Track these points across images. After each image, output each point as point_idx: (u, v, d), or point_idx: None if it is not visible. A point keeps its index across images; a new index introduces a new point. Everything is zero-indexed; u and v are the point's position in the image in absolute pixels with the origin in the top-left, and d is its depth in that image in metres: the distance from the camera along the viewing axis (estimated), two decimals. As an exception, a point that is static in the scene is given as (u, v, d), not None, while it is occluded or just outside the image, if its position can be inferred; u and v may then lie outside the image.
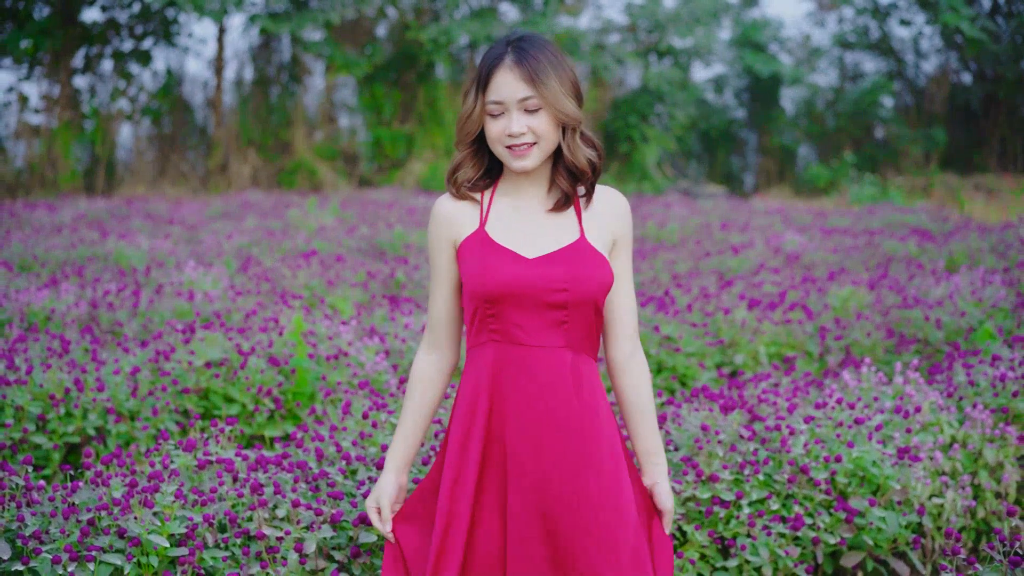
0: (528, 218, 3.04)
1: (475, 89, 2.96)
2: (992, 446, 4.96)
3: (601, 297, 2.97)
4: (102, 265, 10.46)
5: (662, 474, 3.09)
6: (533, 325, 2.95)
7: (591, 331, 3.00)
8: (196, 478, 4.00)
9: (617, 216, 3.05)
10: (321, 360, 6.22)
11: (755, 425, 4.69)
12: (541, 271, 2.94)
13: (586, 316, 2.97)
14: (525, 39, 2.94)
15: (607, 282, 2.96)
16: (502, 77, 2.91)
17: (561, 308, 2.94)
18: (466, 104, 2.99)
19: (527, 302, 2.94)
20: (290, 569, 3.49)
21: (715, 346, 7.19)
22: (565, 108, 2.90)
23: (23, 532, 3.47)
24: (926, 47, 28.84)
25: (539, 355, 2.95)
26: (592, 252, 2.96)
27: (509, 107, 2.91)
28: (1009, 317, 7.86)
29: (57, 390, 5.31)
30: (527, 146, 2.93)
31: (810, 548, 4.30)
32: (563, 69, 2.93)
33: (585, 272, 2.93)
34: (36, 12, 23.20)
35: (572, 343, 2.97)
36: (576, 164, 2.97)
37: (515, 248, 2.99)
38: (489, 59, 2.94)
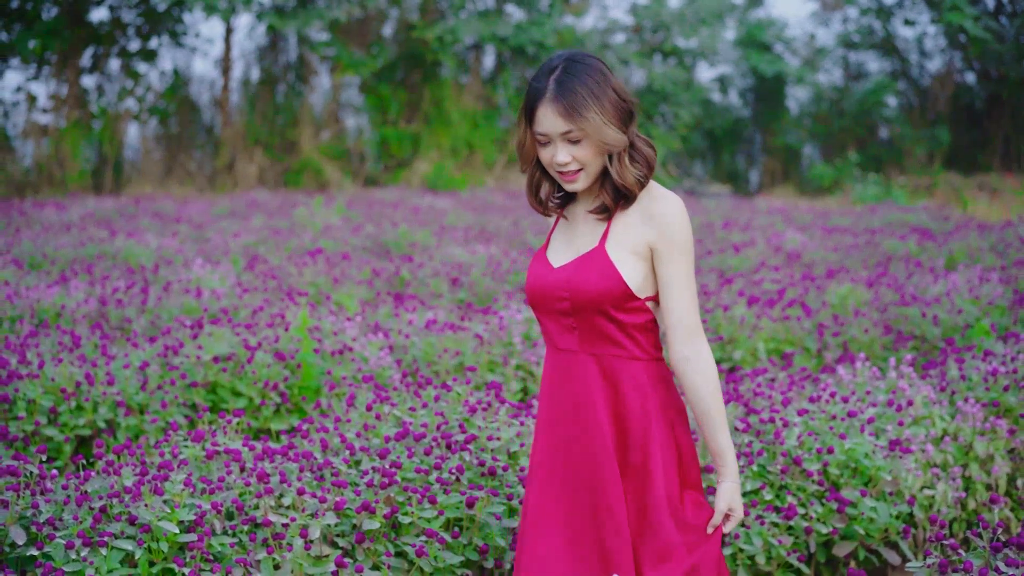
0: (574, 227, 3.17)
1: (523, 120, 3.06)
2: (983, 439, 5.06)
3: (607, 304, 3.00)
4: (111, 263, 10.57)
5: (725, 476, 3.09)
6: (555, 330, 3.13)
7: (608, 335, 3.05)
8: (204, 468, 4.11)
9: (652, 222, 3.03)
10: (326, 355, 6.33)
11: (750, 418, 4.79)
12: (553, 279, 3.07)
13: (595, 321, 3.04)
14: (568, 68, 2.99)
15: (611, 290, 3.00)
16: (544, 111, 2.97)
17: (567, 315, 3.06)
18: (519, 133, 3.09)
19: (545, 309, 3.12)
20: (295, 555, 3.59)
21: (714, 342, 7.29)
22: (606, 138, 2.96)
23: (38, 519, 3.58)
24: (930, 47, 28.86)
25: (566, 358, 3.12)
26: (602, 260, 3.02)
27: (553, 138, 2.99)
28: (1005, 314, 7.96)
29: (68, 384, 5.42)
30: (573, 172, 3.02)
31: (803, 537, 4.40)
32: (605, 96, 2.97)
33: (582, 280, 3.01)
34: (44, 12, 23.33)
35: (588, 347, 3.07)
36: (624, 184, 3.03)
37: (553, 257, 3.15)
38: (533, 91, 3.02)
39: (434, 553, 3.72)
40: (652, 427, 3.06)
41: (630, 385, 3.06)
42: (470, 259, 10.76)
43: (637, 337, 3.06)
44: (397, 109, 26.30)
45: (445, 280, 9.69)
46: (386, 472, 3.91)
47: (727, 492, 3.08)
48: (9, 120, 23.78)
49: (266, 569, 3.56)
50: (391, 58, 26.27)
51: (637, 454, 3.07)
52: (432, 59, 25.50)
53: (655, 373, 3.09)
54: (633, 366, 3.07)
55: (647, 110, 26.93)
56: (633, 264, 3.02)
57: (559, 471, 3.13)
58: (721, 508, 3.07)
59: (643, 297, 3.04)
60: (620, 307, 3.02)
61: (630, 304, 3.03)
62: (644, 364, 3.08)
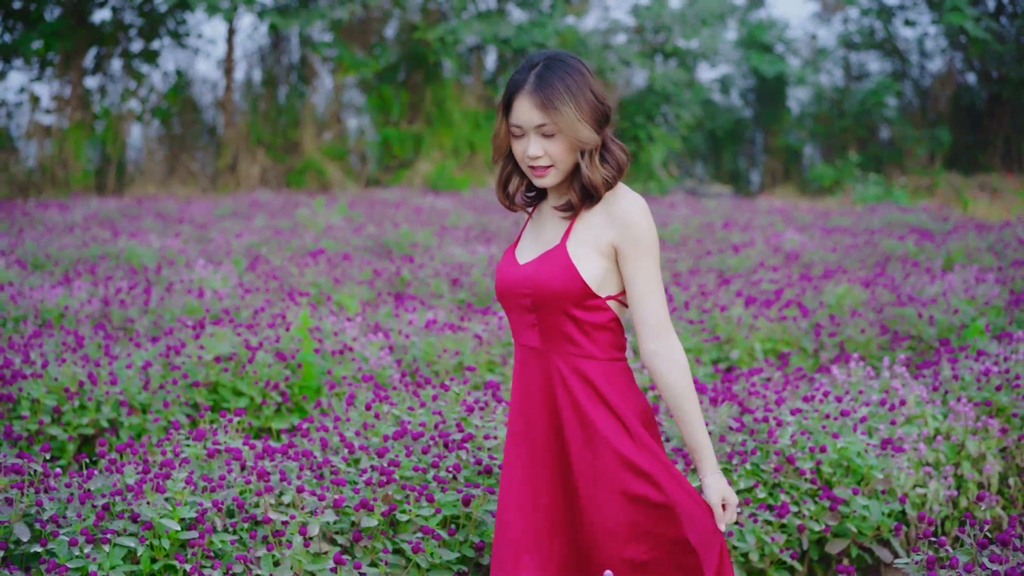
0: (542, 225, 3.22)
1: (501, 111, 3.11)
2: (975, 438, 5.12)
3: (568, 302, 3.05)
4: (114, 263, 10.64)
5: (705, 471, 3.11)
6: (520, 326, 3.18)
7: (567, 333, 3.09)
8: (206, 466, 4.17)
9: (614, 222, 3.06)
10: (327, 355, 6.39)
11: (744, 417, 4.85)
12: (517, 276, 3.13)
13: (555, 319, 3.08)
14: (549, 64, 3.05)
15: (570, 287, 3.03)
16: (521, 103, 3.04)
17: (530, 311, 3.11)
18: (496, 124, 3.14)
19: (510, 305, 3.17)
20: (295, 552, 3.65)
21: (711, 342, 7.35)
22: (579, 134, 3.02)
23: (41, 516, 3.64)
24: (931, 47, 28.92)
25: (529, 354, 3.17)
26: (562, 258, 3.06)
27: (527, 131, 3.05)
28: (1001, 314, 8.01)
29: (71, 384, 5.48)
30: (544, 167, 3.07)
31: (796, 535, 4.46)
32: (582, 95, 3.03)
33: (544, 278, 3.05)
34: (47, 13, 23.41)
35: (549, 344, 3.11)
36: (591, 183, 3.06)
37: (520, 254, 3.21)
38: (513, 83, 3.08)
39: (431, 550, 3.78)
40: (602, 427, 3.09)
41: (583, 384, 3.10)
42: (471, 259, 10.82)
43: (595, 336, 3.09)
44: (399, 110, 26.36)
45: (445, 280, 9.75)
46: (384, 470, 3.97)
47: (715, 484, 3.10)
48: (12, 121, 23.86)
49: (266, 566, 3.62)
50: (393, 59, 26.34)
51: (588, 452, 3.10)
52: (434, 60, 25.56)
53: (611, 373, 3.12)
54: (588, 365, 3.10)
55: (648, 111, 26.97)
56: (594, 262, 3.05)
57: (522, 464, 3.20)
58: (715, 502, 3.08)
59: (604, 296, 3.07)
60: (580, 305, 3.05)
61: (590, 302, 3.06)
62: (600, 364, 3.11)
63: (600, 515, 3.10)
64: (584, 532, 3.13)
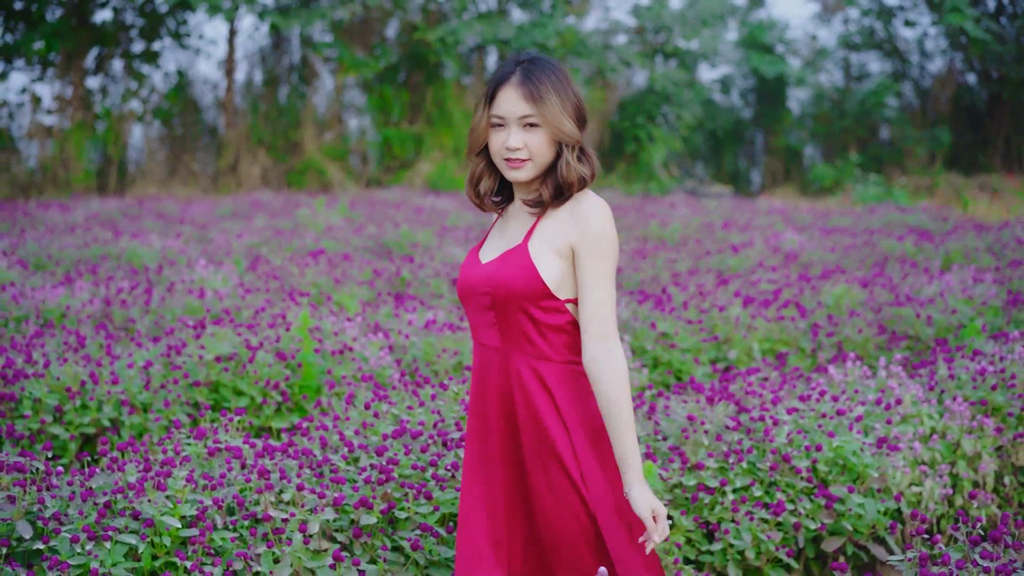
0: (508, 225, 3.24)
1: (483, 102, 3.14)
2: (970, 437, 5.16)
3: (527, 301, 3.06)
4: (115, 264, 10.67)
5: (630, 483, 3.03)
6: (479, 324, 3.19)
7: (525, 333, 3.10)
8: (206, 464, 4.21)
9: (573, 223, 3.08)
10: (327, 355, 6.42)
11: (741, 416, 4.88)
12: (478, 274, 3.15)
13: (514, 318, 3.09)
14: (535, 61, 3.11)
15: (529, 287, 3.05)
16: (506, 94, 3.08)
17: (490, 310, 3.12)
18: (475, 116, 3.16)
19: (471, 303, 3.19)
20: (294, 549, 3.69)
21: (710, 342, 7.39)
22: (563, 127, 3.07)
23: (43, 514, 3.68)
24: (931, 48, 28.95)
25: (488, 353, 3.18)
26: (523, 257, 3.08)
27: (510, 122, 3.08)
28: (999, 314, 8.05)
29: (73, 383, 5.52)
30: (522, 160, 3.10)
31: (792, 533, 4.49)
32: (566, 93, 3.09)
33: (504, 277, 3.07)
34: (49, 14, 23.45)
35: (508, 343, 3.13)
36: (567, 179, 3.09)
37: (483, 254, 3.23)
38: (498, 76, 3.12)
39: (429, 547, 3.82)
40: (554, 435, 3.10)
41: (539, 386, 3.11)
42: (471, 260, 10.83)
43: (551, 337, 3.10)
44: (399, 110, 26.40)
45: (445, 280, 9.79)
46: (383, 469, 4.00)
47: (642, 497, 3.00)
48: (14, 121, 23.90)
49: (266, 563, 3.65)
50: (394, 59, 26.38)
51: (539, 460, 3.13)
52: (434, 60, 25.60)
53: (566, 376, 3.12)
54: (544, 366, 3.11)
55: (649, 111, 27.01)
56: (553, 263, 3.07)
57: (480, 466, 3.23)
58: (645, 515, 2.99)
59: (563, 298, 3.09)
60: (537, 305, 3.07)
61: (547, 303, 3.07)
62: (556, 366, 3.12)
63: (556, 523, 3.12)
64: (543, 538, 3.15)
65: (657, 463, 4.55)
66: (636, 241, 13.59)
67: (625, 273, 10.30)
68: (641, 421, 4.99)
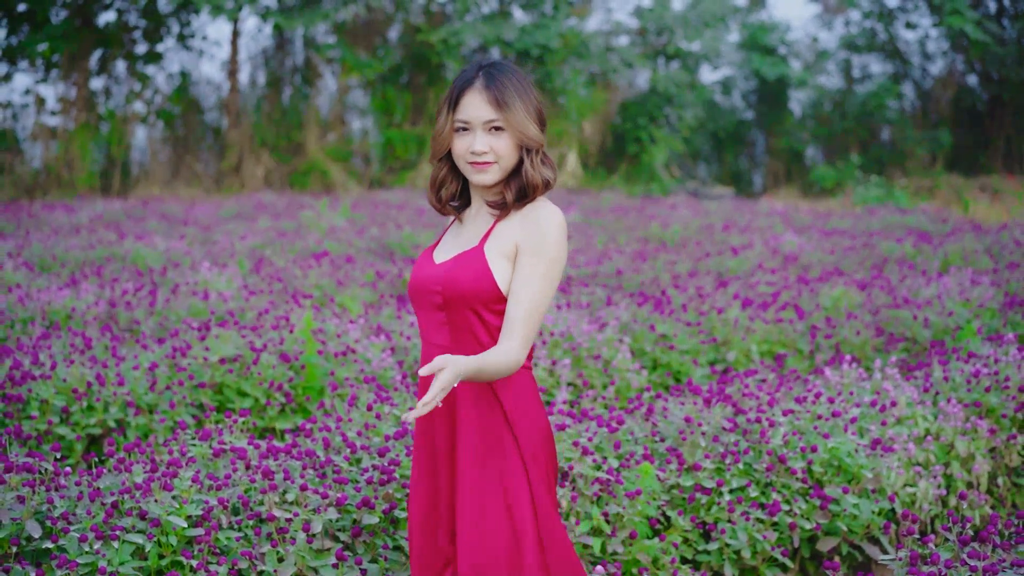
0: (464, 228, 3.24)
1: (446, 108, 3.14)
2: (964, 438, 5.22)
3: (477, 302, 3.06)
4: (120, 265, 10.74)
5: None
6: (429, 325, 3.17)
7: (475, 335, 3.09)
8: (211, 465, 4.28)
9: (524, 224, 3.08)
10: (330, 356, 6.49)
11: (738, 418, 4.95)
12: (431, 274, 3.14)
13: (464, 319, 3.09)
14: (496, 65, 3.13)
15: (481, 289, 3.05)
16: (470, 99, 3.09)
17: (441, 309, 3.11)
18: (438, 122, 3.16)
19: (421, 303, 3.18)
20: (298, 548, 3.76)
21: (708, 344, 7.45)
22: (527, 131, 3.09)
23: (52, 514, 3.75)
24: (932, 49, 28.99)
25: (432, 352, 3.14)
26: (477, 259, 3.08)
27: (475, 127, 3.09)
28: (996, 316, 8.11)
29: (79, 384, 5.59)
30: (487, 164, 3.09)
31: (787, 533, 4.57)
32: (528, 97, 3.11)
33: (457, 277, 3.07)
34: (52, 15, 23.53)
35: (456, 343, 3.11)
36: (532, 181, 3.11)
37: (437, 255, 3.22)
38: (460, 81, 3.12)
39: (430, 546, 3.89)
40: (498, 430, 3.09)
41: (486, 388, 3.10)
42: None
43: (490, 338, 3.09)
44: (402, 111, 26.47)
45: (447, 282, 9.83)
46: (385, 469, 4.08)
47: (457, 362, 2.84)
48: (18, 122, 23.98)
49: (270, 562, 3.73)
50: (396, 61, 26.45)
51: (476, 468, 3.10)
52: (437, 62, 25.67)
53: (515, 382, 3.11)
54: None
55: (650, 112, 27.07)
56: (505, 267, 3.07)
57: (422, 474, 3.24)
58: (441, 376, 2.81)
59: None
60: (488, 307, 3.07)
61: (498, 306, 3.07)
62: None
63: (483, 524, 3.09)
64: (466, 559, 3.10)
65: (654, 464, 4.62)
66: (637, 243, 13.65)
67: (625, 275, 10.37)
68: (639, 423, 5.07)
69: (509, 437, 3.10)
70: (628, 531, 4.27)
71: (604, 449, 4.66)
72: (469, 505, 3.09)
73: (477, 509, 3.08)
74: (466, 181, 3.26)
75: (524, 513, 3.08)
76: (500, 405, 3.10)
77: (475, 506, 3.08)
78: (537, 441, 3.13)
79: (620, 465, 4.49)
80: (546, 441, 3.16)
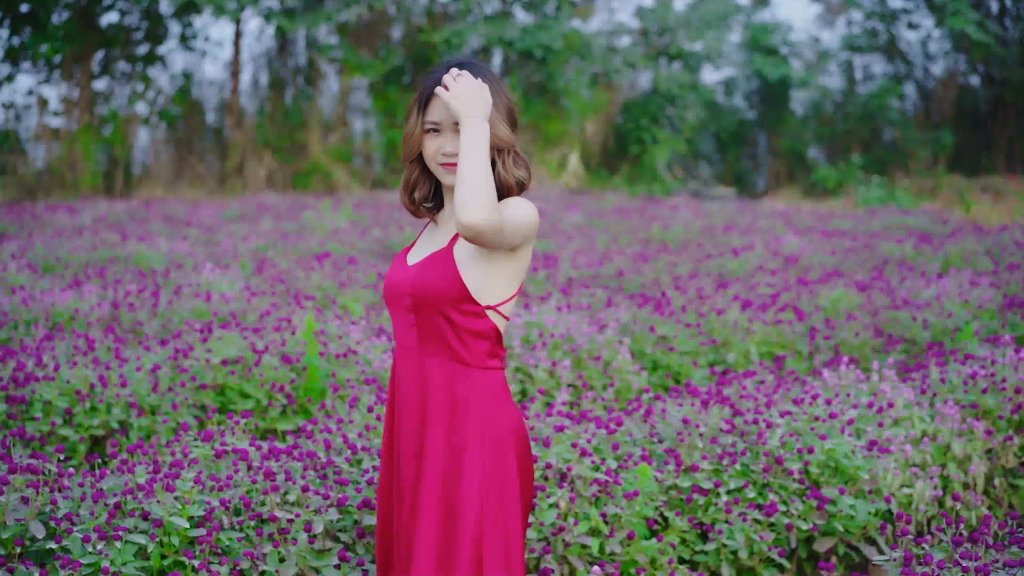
0: (436, 229, 3.23)
1: (416, 109, 3.12)
2: (960, 440, 5.26)
3: (445, 304, 3.03)
4: (123, 267, 10.78)
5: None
6: (400, 326, 3.15)
7: (443, 336, 3.05)
8: (213, 466, 4.32)
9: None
10: (331, 358, 6.53)
11: (735, 420, 4.99)
12: (402, 276, 3.13)
13: (432, 321, 3.05)
14: (467, 65, 3.08)
15: (448, 290, 3.02)
16: (440, 100, 3.06)
17: (410, 311, 3.09)
18: (408, 123, 3.13)
19: (393, 305, 3.17)
20: (299, 549, 3.80)
21: (708, 345, 7.49)
22: (498, 132, 3.04)
23: (55, 514, 3.79)
24: (934, 50, 29.00)
25: (407, 355, 3.13)
26: (446, 260, 3.05)
27: (445, 128, 3.07)
28: (995, 318, 8.14)
29: (83, 386, 5.63)
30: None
31: (784, 533, 4.61)
32: (500, 97, 3.07)
33: (425, 279, 3.05)
34: (55, 16, 23.58)
35: (425, 346, 3.08)
36: (505, 182, 3.08)
37: (410, 257, 3.21)
38: (430, 81, 3.10)
39: (430, 547, 3.93)
40: (460, 433, 3.05)
41: (453, 391, 3.06)
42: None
43: (470, 343, 3.06)
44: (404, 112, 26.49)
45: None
46: (385, 471, 4.12)
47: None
48: (21, 123, 24.02)
49: (272, 562, 3.77)
50: (399, 61, 26.49)
51: (442, 454, 3.06)
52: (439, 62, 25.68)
53: (484, 383, 3.08)
54: (462, 371, 3.06)
55: (652, 113, 27.10)
56: (476, 265, 3.02)
57: (387, 474, 3.23)
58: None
59: (483, 303, 3.04)
60: (457, 308, 3.03)
61: (467, 307, 3.03)
62: (473, 371, 3.07)
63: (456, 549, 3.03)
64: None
65: (652, 465, 4.66)
66: (639, 244, 13.68)
67: (626, 276, 10.40)
68: (638, 424, 5.11)
69: (467, 435, 3.05)
70: (626, 532, 4.31)
71: (603, 450, 4.70)
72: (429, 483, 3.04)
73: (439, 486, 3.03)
74: (439, 182, 3.22)
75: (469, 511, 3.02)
76: (464, 405, 3.05)
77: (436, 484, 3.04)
78: (508, 441, 3.07)
79: (618, 466, 4.53)
80: (518, 441, 3.10)
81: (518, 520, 3.06)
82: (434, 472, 3.05)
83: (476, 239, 2.88)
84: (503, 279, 3.06)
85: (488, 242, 2.92)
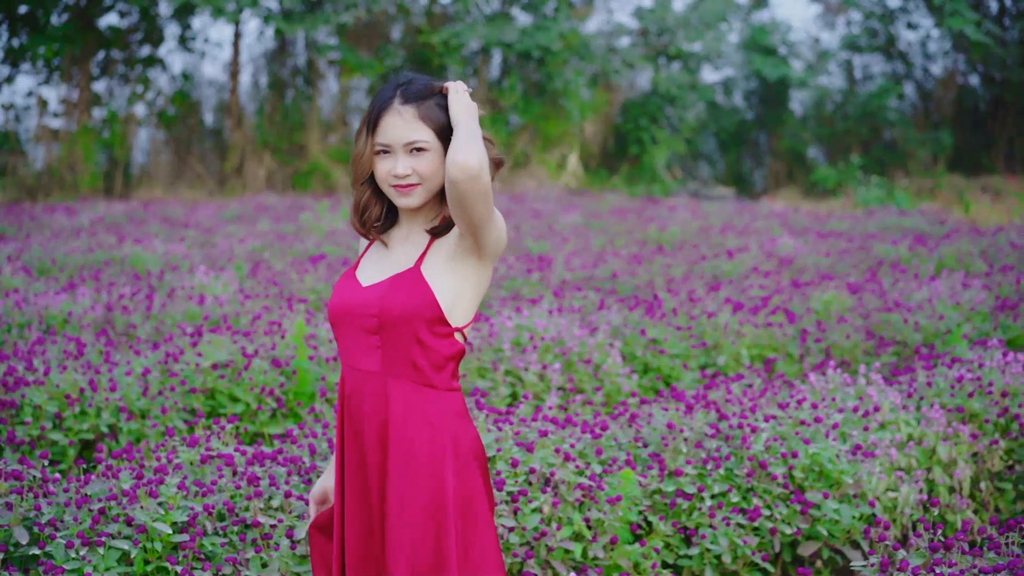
0: (390, 249, 3.11)
1: (365, 131, 3.02)
2: (946, 443, 5.28)
3: (418, 323, 2.95)
4: (118, 269, 10.79)
5: None
6: (357, 349, 3.03)
7: (412, 358, 2.98)
8: (198, 471, 4.35)
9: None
10: (321, 361, 6.56)
11: (720, 424, 5.00)
12: (361, 298, 3.01)
13: (402, 342, 2.96)
14: (413, 82, 3.01)
15: (422, 310, 2.95)
16: (389, 120, 2.97)
17: (374, 333, 2.98)
18: (357, 145, 3.03)
19: (350, 327, 3.03)
20: (282, 554, 3.83)
21: (698, 348, 7.50)
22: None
23: (40, 520, 3.82)
24: (934, 50, 29.02)
25: (361, 377, 3.03)
26: (416, 280, 2.97)
27: (395, 149, 2.97)
28: (987, 320, 8.15)
29: (72, 390, 5.65)
30: (411, 186, 2.98)
31: (768, 538, 4.62)
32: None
33: (396, 299, 2.95)
34: (54, 18, 23.63)
35: (389, 369, 2.99)
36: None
37: (363, 277, 3.09)
38: (378, 102, 3.00)
39: (412, 552, 3.95)
40: (428, 457, 2.99)
41: (419, 414, 2.99)
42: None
43: (438, 364, 3.00)
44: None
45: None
46: (368, 476, 4.13)
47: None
48: (21, 124, 24.07)
49: (254, 567, 3.79)
50: (398, 62, 26.52)
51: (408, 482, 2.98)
52: (438, 63, 25.74)
53: (447, 404, 3.02)
54: (427, 394, 2.99)
55: (652, 113, 27.14)
56: (446, 282, 2.97)
57: (343, 497, 3.11)
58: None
59: (453, 325, 2.99)
60: (430, 330, 2.96)
61: (439, 328, 2.97)
62: (438, 393, 3.01)
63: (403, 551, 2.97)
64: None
65: (636, 469, 4.68)
66: (635, 245, 13.69)
67: (620, 278, 10.42)
68: (623, 428, 5.12)
69: (440, 454, 2.99)
70: (609, 536, 4.32)
71: (587, 455, 4.71)
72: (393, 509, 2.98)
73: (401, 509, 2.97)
74: (391, 202, 3.13)
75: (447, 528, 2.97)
76: (432, 427, 2.99)
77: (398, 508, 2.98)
78: (473, 460, 3.04)
79: (602, 471, 4.55)
80: (478, 457, 3.06)
81: (491, 530, 3.04)
82: (396, 495, 2.98)
83: (468, 183, 2.77)
84: (467, 300, 3.01)
85: (476, 192, 2.80)
